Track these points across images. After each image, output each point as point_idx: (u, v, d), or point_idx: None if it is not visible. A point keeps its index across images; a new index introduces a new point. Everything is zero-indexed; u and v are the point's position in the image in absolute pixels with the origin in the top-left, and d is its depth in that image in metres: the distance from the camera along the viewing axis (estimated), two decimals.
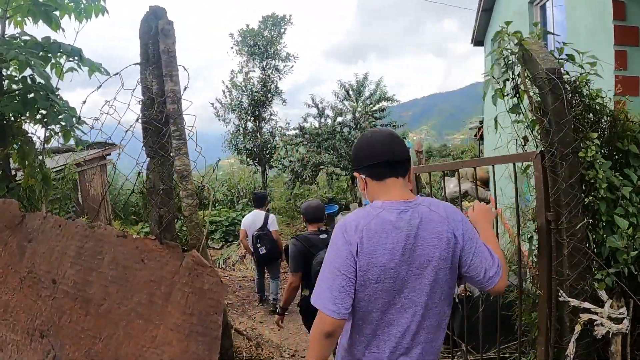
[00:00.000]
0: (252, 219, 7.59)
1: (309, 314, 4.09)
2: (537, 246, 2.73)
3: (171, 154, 2.75)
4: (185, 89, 2.82)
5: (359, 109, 17.43)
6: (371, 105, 17.74)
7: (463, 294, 6.30)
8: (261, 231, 7.37)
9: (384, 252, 1.91)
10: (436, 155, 23.11)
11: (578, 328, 2.53)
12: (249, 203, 15.35)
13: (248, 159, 18.39)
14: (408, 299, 1.97)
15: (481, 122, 14.67)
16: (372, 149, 2.05)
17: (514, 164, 2.75)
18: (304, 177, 16.76)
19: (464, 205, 11.58)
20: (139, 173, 2.98)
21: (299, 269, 4.15)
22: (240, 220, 12.58)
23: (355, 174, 2.14)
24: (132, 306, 2.76)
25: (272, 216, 7.59)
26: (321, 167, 16.97)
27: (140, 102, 2.86)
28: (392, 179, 2.04)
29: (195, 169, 2.78)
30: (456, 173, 12.34)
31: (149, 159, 2.84)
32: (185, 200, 2.72)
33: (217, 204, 15.17)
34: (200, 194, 15.55)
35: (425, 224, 1.96)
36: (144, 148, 2.85)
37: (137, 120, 2.88)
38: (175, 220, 2.92)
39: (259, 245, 7.33)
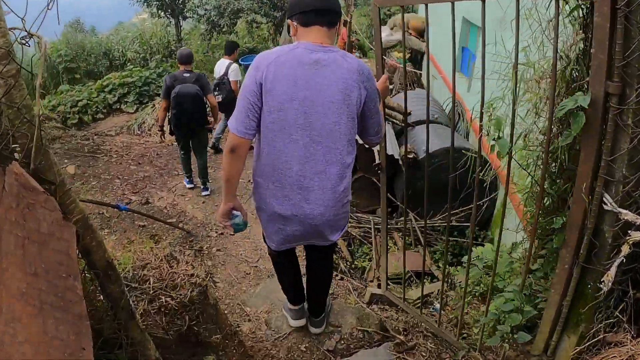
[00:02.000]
0: (218, 68, 7.32)
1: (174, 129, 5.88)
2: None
3: None
4: None
5: None
6: None
7: (408, 156, 5.52)
8: (220, 80, 7.14)
9: (286, 82, 2.02)
10: None
11: (625, 250, 1.68)
12: (163, 59, 13.50)
13: (159, 11, 15.69)
14: (309, 137, 2.07)
15: None
16: None
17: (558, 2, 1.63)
18: (222, 26, 14.69)
19: (394, 56, 10.55)
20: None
21: (166, 96, 5.66)
22: (154, 79, 11.17)
23: (288, 21, 2.21)
24: None
25: (234, 66, 7.17)
26: (240, 14, 14.87)
27: None
28: (317, 27, 2.10)
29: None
30: (388, 21, 11.09)
31: None
32: None
33: (128, 63, 13.15)
34: (110, 55, 13.30)
35: (332, 66, 2.03)
36: None
37: None
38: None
39: (216, 93, 6.96)
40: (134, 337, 1.84)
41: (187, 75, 5.65)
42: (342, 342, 2.89)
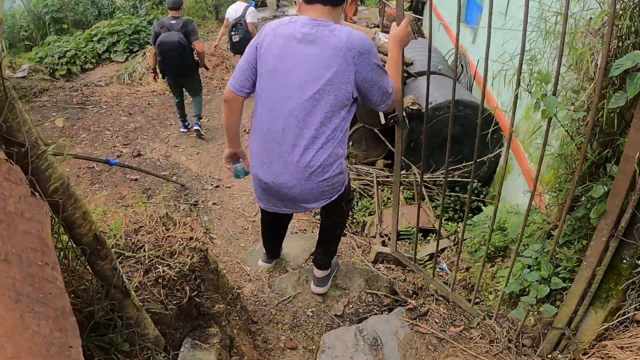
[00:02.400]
0: (233, 9, 7.32)
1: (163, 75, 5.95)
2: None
3: None
4: None
5: None
6: None
7: (412, 108, 5.25)
8: (237, 21, 7.20)
9: (274, 54, 2.04)
10: None
11: None
12: (154, 7, 12.87)
13: None
14: (287, 110, 2.05)
15: None
16: None
17: None
18: None
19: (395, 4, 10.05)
20: None
21: (155, 43, 5.63)
22: (144, 27, 10.66)
23: None
24: None
25: (252, 8, 7.26)
26: None
27: None
28: (319, 5, 2.05)
29: None
30: None
31: None
32: None
33: (117, 12, 12.53)
34: (99, 4, 12.68)
35: (319, 42, 1.98)
36: None
37: None
38: None
39: (233, 33, 7.23)
40: (129, 316, 1.65)
41: (174, 22, 5.65)
42: (351, 305, 2.74)
